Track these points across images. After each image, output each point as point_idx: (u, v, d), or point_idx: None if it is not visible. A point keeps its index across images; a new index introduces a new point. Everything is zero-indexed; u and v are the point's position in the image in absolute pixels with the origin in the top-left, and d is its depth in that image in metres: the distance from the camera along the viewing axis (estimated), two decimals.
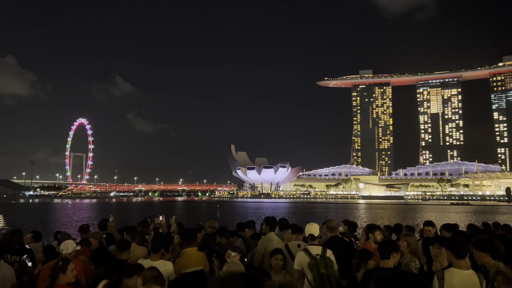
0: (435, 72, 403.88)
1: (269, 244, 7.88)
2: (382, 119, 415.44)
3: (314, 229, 7.22)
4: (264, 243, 8.04)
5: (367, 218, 72.86)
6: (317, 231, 7.22)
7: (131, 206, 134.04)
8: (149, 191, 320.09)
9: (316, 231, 7.19)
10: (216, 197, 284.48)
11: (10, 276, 6.68)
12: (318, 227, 7.30)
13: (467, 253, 5.31)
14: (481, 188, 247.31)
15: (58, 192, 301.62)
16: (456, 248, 5.22)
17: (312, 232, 7.15)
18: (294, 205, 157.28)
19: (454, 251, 5.21)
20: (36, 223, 53.38)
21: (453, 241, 5.38)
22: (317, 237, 7.19)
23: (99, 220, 11.53)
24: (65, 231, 12.86)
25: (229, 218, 67.20)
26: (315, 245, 6.97)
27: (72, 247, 7.06)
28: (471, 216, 78.77)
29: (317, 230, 7.22)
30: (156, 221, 11.95)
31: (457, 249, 5.21)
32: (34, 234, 9.65)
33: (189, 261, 7.34)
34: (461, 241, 5.40)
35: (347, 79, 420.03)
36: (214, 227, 10.28)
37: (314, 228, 7.25)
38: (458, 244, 5.28)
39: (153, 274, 4.60)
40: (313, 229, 7.21)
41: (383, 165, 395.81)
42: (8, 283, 6.61)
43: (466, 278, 5.02)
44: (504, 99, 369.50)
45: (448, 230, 9.39)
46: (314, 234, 7.14)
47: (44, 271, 6.66)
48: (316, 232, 7.18)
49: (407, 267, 6.68)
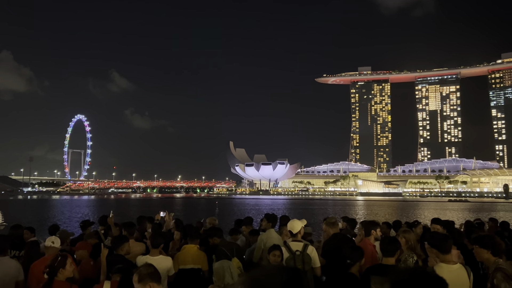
0: (434, 69, 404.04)
1: (269, 240, 7.91)
2: (381, 116, 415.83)
3: (294, 225, 7.30)
4: (264, 239, 8.07)
5: (365, 215, 73.03)
6: (297, 229, 7.26)
7: (130, 203, 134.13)
8: (148, 187, 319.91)
9: (295, 228, 7.24)
10: (215, 194, 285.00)
11: (13, 272, 6.38)
12: (299, 223, 7.36)
13: (451, 247, 5.33)
14: (479, 185, 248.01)
15: (57, 188, 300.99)
16: (438, 243, 5.25)
17: (290, 228, 7.24)
18: (292, 201, 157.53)
19: (436, 247, 5.25)
20: (34, 219, 53.29)
21: (433, 237, 5.42)
22: (296, 234, 7.21)
23: (95, 216, 11.53)
24: (63, 228, 12.84)
25: (228, 214, 67.31)
26: (296, 241, 7.05)
27: (57, 243, 7.03)
28: (469, 213, 79.00)
29: (297, 228, 7.27)
30: (157, 217, 11.89)
31: (439, 244, 5.24)
32: (29, 229, 9.64)
33: (188, 258, 7.36)
34: (442, 237, 5.46)
35: (345, 76, 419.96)
36: (214, 224, 10.29)
37: (294, 224, 7.32)
38: (439, 240, 5.32)
39: (148, 271, 4.58)
40: (293, 226, 7.29)
41: (382, 162, 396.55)
42: (12, 280, 6.34)
43: (455, 272, 5.08)
44: (503, 96, 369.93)
45: (439, 224, 9.48)
46: (293, 231, 7.21)
47: (35, 268, 6.53)
48: (295, 228, 7.23)
49: (405, 263, 6.71)
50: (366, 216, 68.97)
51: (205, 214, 54.92)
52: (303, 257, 6.70)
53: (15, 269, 6.46)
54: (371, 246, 7.55)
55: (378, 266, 5.97)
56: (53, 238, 7.10)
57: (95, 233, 9.23)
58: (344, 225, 10.46)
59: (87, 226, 10.20)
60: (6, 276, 6.28)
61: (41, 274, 5.77)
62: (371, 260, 6.99)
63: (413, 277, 2.35)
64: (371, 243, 7.61)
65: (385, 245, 6.06)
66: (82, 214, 68.56)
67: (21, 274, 6.49)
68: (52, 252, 6.78)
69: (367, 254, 7.15)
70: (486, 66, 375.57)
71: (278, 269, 2.31)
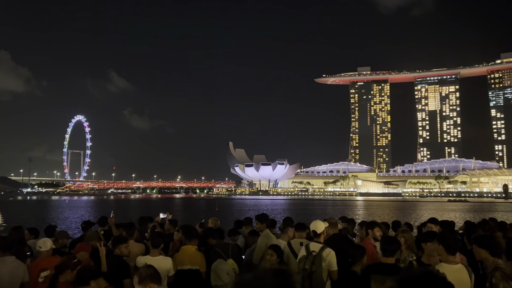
0: (433, 69, 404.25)
1: (269, 241, 7.90)
2: (380, 116, 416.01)
3: (317, 226, 7.17)
4: (265, 240, 8.03)
5: (365, 215, 73.06)
6: (321, 228, 7.11)
7: (129, 203, 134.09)
8: (147, 188, 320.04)
9: (319, 228, 7.11)
10: (214, 194, 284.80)
11: (19, 273, 6.35)
12: (322, 224, 7.20)
13: (457, 249, 5.39)
14: (478, 185, 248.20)
15: (56, 189, 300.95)
16: (450, 244, 5.29)
17: (314, 228, 7.11)
18: (292, 202, 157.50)
19: (447, 246, 5.28)
20: (33, 220, 53.26)
21: (447, 237, 5.44)
22: (320, 234, 7.07)
23: (91, 217, 11.51)
24: (62, 229, 12.82)
25: (227, 215, 67.27)
26: (317, 242, 6.91)
27: (50, 244, 7.02)
28: (468, 213, 79.06)
29: (321, 227, 7.13)
30: (157, 219, 11.77)
31: (450, 245, 5.28)
32: (30, 231, 9.64)
33: (186, 258, 7.36)
34: (455, 238, 5.51)
35: (345, 76, 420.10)
36: (216, 225, 10.28)
37: (317, 225, 7.19)
38: (451, 240, 5.36)
39: (149, 272, 4.57)
40: (316, 226, 7.16)
41: (381, 162, 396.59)
42: (17, 280, 6.30)
43: (456, 272, 5.11)
44: (502, 96, 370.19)
45: (436, 224, 9.48)
46: (317, 231, 7.08)
47: (33, 269, 6.54)
48: (318, 229, 7.09)
49: (404, 263, 6.75)
50: (365, 216, 68.99)
51: (204, 214, 54.92)
52: (315, 258, 6.56)
53: (21, 270, 6.44)
54: (372, 246, 7.57)
55: (378, 264, 6.00)
56: (41, 242, 7.04)
57: (95, 234, 9.22)
58: (343, 225, 10.46)
59: (88, 226, 10.20)
60: (12, 277, 6.26)
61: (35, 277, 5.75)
62: (372, 260, 7.01)
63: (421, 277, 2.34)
64: (372, 244, 7.62)
65: (386, 244, 6.05)
66: (79, 215, 68.51)
67: (27, 275, 6.46)
68: (43, 256, 6.81)
69: (368, 254, 7.16)
70: (486, 66, 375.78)
71: (269, 272, 2.31)
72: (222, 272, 6.87)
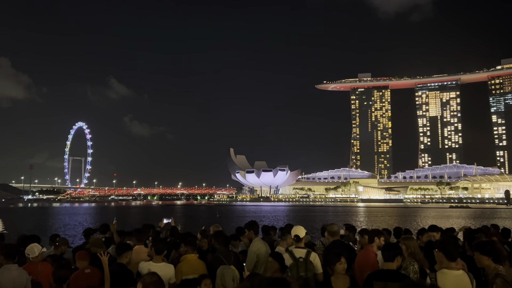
0: (434, 75, 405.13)
1: (260, 250, 7.75)
2: (381, 122, 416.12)
3: (299, 231, 7.34)
4: (255, 250, 7.80)
5: (366, 222, 72.80)
6: (303, 234, 7.33)
7: (130, 210, 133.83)
8: (148, 195, 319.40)
9: (302, 233, 7.30)
10: (215, 201, 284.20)
11: (22, 281, 6.32)
12: (303, 229, 7.43)
13: (458, 256, 5.43)
14: (480, 191, 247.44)
15: (57, 196, 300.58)
16: (450, 250, 5.34)
17: (296, 233, 7.28)
18: (293, 208, 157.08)
19: (447, 253, 5.32)
20: (33, 227, 53.12)
21: (447, 244, 5.47)
22: (302, 239, 7.27)
23: (95, 224, 11.50)
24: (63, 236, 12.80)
25: (228, 222, 67.06)
26: (300, 248, 7.08)
27: (38, 250, 7.03)
28: (470, 220, 78.72)
29: (302, 233, 7.33)
30: (160, 224, 11.80)
31: (450, 251, 5.33)
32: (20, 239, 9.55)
33: (189, 268, 7.33)
34: (455, 244, 5.54)
35: (345, 83, 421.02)
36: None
37: (299, 230, 7.36)
38: (451, 246, 5.40)
39: (152, 279, 4.56)
40: (299, 231, 7.33)
41: (382, 168, 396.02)
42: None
43: (458, 278, 5.14)
44: (503, 102, 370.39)
45: (436, 232, 9.50)
46: (300, 235, 7.25)
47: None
48: (301, 234, 7.28)
49: (405, 270, 6.70)
50: (367, 223, 68.76)
51: (206, 221, 54.80)
52: (306, 264, 6.69)
53: (24, 278, 6.42)
54: (374, 254, 7.52)
55: (379, 271, 6.00)
56: (28, 249, 7.06)
57: (99, 241, 9.21)
58: (346, 232, 10.44)
59: (90, 234, 10.19)
60: (14, 285, 6.25)
61: None
62: (372, 268, 6.95)
63: None
64: (374, 251, 7.58)
65: (385, 250, 6.13)
66: (77, 222, 68.28)
67: (29, 283, 6.46)
68: (34, 261, 6.91)
69: (369, 262, 7.14)
70: (486, 72, 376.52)
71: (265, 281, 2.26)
72: (228, 277, 6.84)
